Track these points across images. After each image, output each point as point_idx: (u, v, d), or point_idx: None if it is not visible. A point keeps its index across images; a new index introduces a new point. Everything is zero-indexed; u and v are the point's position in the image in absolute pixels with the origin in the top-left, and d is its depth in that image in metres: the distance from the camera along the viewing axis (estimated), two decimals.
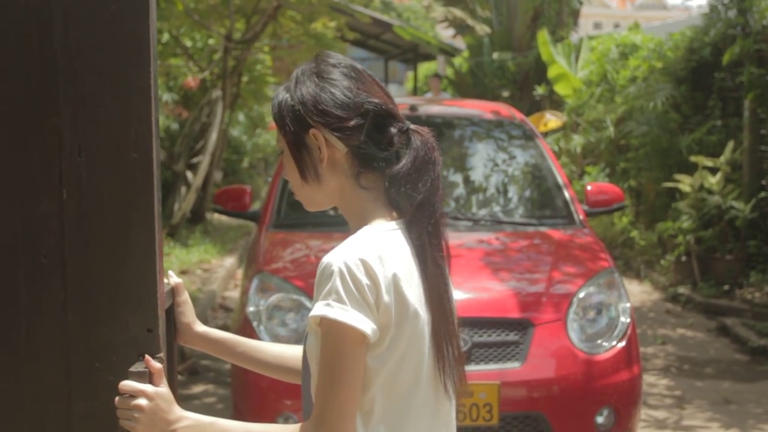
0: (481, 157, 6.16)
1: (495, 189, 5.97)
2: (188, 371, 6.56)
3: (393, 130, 1.88)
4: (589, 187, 5.91)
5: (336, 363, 1.74)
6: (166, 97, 14.22)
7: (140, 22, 1.82)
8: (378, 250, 1.79)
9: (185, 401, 5.96)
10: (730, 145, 9.12)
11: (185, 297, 2.11)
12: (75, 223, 1.84)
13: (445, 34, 26.91)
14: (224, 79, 11.57)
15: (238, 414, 4.69)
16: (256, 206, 6.61)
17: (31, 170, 1.84)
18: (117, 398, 1.79)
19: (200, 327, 2.14)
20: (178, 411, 1.81)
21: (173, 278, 2.09)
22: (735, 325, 7.88)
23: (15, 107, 1.84)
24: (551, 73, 14.11)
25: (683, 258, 9.32)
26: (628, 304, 4.85)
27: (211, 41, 12.77)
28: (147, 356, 1.80)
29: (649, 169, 10.56)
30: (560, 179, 5.80)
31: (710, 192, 9.15)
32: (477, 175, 6.05)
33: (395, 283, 1.78)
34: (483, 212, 5.73)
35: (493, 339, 4.47)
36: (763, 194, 8.99)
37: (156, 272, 1.85)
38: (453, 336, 1.89)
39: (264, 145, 17.29)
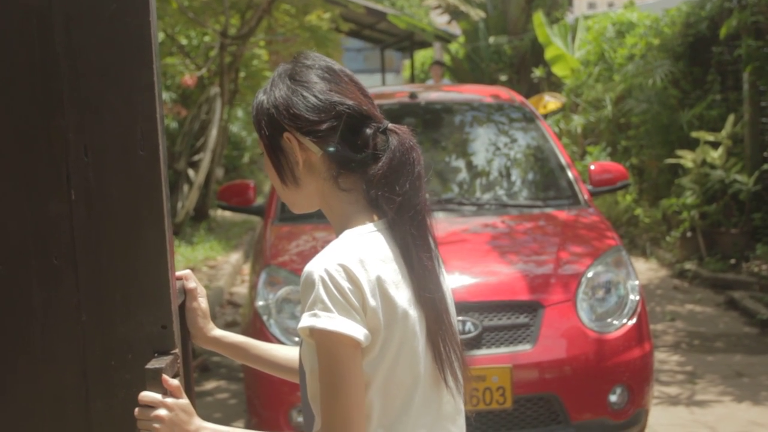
0: (483, 141, 6.16)
1: (498, 172, 5.97)
2: (199, 368, 6.58)
3: (368, 131, 1.85)
4: (592, 167, 5.91)
5: (333, 372, 1.73)
6: (164, 96, 14.23)
7: (141, 20, 1.81)
8: (359, 254, 1.77)
9: (197, 398, 5.98)
10: (731, 118, 9.10)
11: (197, 303, 2.09)
12: (85, 224, 1.84)
13: (440, 20, 26.87)
14: (221, 75, 11.56)
15: (252, 408, 4.70)
16: (260, 201, 6.62)
17: (39, 173, 1.84)
18: (137, 409, 1.78)
19: (215, 332, 2.13)
20: (197, 421, 1.80)
21: (190, 283, 2.07)
22: (743, 299, 7.88)
23: (19, 111, 1.84)
24: (548, 54, 14.09)
25: (688, 234, 9.32)
26: (637, 282, 4.85)
27: (206, 38, 12.76)
28: (164, 376, 1.78)
29: (651, 147, 10.55)
30: (563, 160, 5.82)
31: (713, 167, 9.13)
32: (480, 160, 6.05)
33: (380, 286, 1.76)
34: (487, 196, 5.74)
35: (503, 322, 4.49)
36: (765, 166, 8.97)
37: (168, 269, 1.85)
38: (449, 334, 1.88)
39: None
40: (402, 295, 1.79)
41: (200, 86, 12.75)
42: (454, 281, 4.60)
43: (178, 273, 2.06)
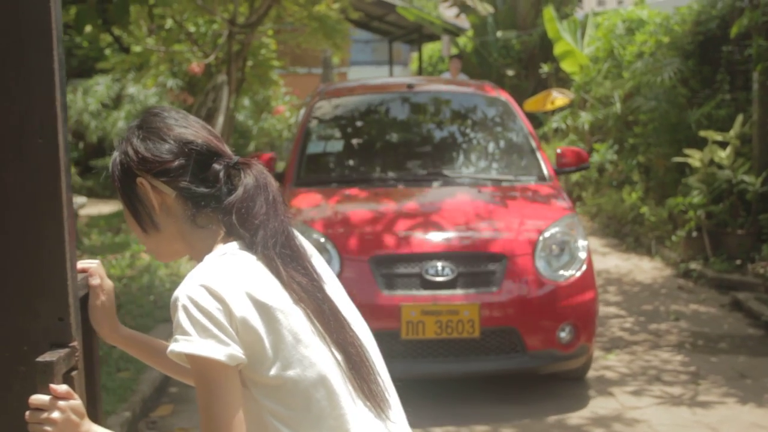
0: (468, 126, 7.40)
1: (479, 152, 7.17)
2: None
3: (217, 167, 1.91)
4: (558, 150, 7.01)
5: (204, 393, 1.75)
6: (171, 83, 14.19)
7: (40, 3, 1.75)
8: (220, 271, 1.80)
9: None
10: (740, 118, 9.05)
11: (100, 301, 2.06)
12: None
13: (449, 13, 26.79)
14: (229, 63, 11.53)
15: None
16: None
17: None
18: (27, 413, 1.76)
19: (120, 330, 2.12)
20: (87, 424, 1.79)
21: (94, 279, 2.05)
22: (748, 300, 7.84)
23: None
24: (557, 50, 14.04)
25: (694, 233, 9.27)
26: (586, 242, 5.95)
27: (214, 26, 12.72)
28: (51, 386, 1.74)
29: (658, 145, 10.49)
30: (534, 144, 6.98)
31: (720, 166, 9.09)
32: (464, 142, 7.25)
33: (249, 295, 1.78)
34: (469, 171, 6.87)
35: (474, 269, 5.65)
36: None
37: (66, 260, 1.80)
38: (345, 331, 1.90)
39: (270, 129, 17.24)
40: (277, 297, 1.81)
41: (207, 74, 12.72)
42: (438, 237, 5.81)
43: (84, 265, 2.03)
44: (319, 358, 1.82)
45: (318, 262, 1.99)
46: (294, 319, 1.81)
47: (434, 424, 5.44)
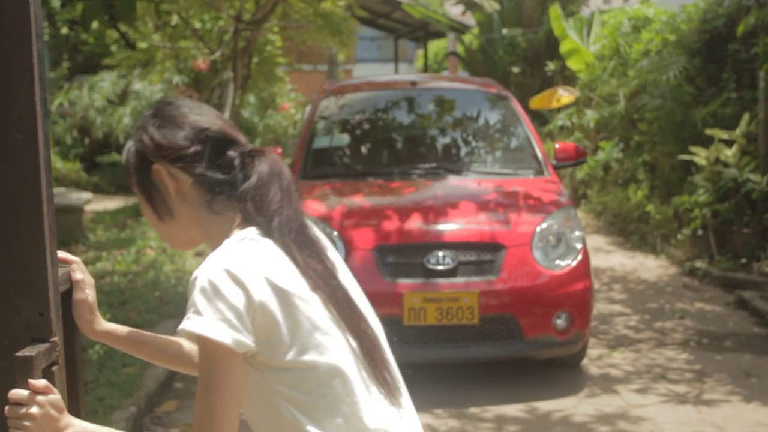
0: (469, 122, 7.66)
1: (481, 147, 7.49)
2: None
3: (232, 153, 1.92)
4: (557, 146, 7.26)
5: (206, 373, 1.76)
6: (176, 79, 14.19)
7: None
8: (241, 255, 1.80)
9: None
10: (746, 117, 9.03)
11: (83, 295, 2.07)
12: None
13: (455, 11, 26.75)
14: (235, 60, 11.53)
15: None
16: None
17: None
18: (7, 408, 1.76)
19: (103, 325, 2.12)
20: (66, 418, 1.80)
21: (77, 274, 2.06)
22: (753, 299, 7.83)
23: None
24: (563, 48, 14.02)
25: (700, 232, 9.26)
26: (582, 234, 6.16)
27: (220, 22, 12.72)
28: (30, 381, 1.74)
29: (664, 143, 10.48)
30: (534, 140, 7.23)
31: (726, 165, 9.07)
32: (466, 137, 7.55)
33: (268, 280, 1.79)
34: (472, 165, 7.18)
35: (474, 258, 5.87)
36: None
37: (46, 255, 1.80)
38: (358, 318, 1.91)
39: (275, 126, 17.25)
40: (295, 283, 1.82)
41: (213, 70, 12.72)
42: (439, 228, 6.01)
43: (65, 257, 2.04)
44: (336, 344, 1.83)
45: (331, 252, 2.01)
46: (312, 305, 1.82)
47: (436, 412, 5.45)
